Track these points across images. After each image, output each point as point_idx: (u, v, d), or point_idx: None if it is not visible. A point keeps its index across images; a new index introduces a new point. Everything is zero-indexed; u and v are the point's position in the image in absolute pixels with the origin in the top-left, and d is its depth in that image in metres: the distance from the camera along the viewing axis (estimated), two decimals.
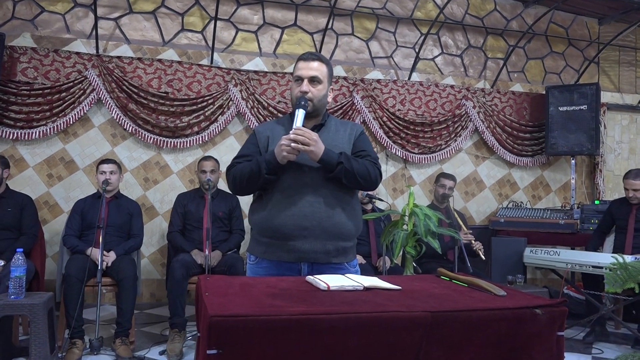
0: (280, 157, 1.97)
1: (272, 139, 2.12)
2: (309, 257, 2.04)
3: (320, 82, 2.13)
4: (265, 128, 2.21)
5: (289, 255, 2.04)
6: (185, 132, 4.97)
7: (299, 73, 2.12)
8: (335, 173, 2.01)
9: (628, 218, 4.30)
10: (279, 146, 1.97)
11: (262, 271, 2.09)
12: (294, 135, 1.94)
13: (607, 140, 6.20)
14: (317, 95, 2.12)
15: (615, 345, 4.11)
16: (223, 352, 1.29)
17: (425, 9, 5.79)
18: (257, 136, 2.18)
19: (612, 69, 6.37)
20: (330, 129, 2.18)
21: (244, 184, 2.08)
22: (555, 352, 1.51)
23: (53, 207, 4.73)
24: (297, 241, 2.02)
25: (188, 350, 3.59)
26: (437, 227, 3.36)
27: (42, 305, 3.00)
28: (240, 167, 2.08)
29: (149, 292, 4.96)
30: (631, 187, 4.25)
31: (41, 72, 4.61)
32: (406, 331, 1.38)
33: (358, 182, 2.05)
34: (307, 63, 2.12)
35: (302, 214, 2.01)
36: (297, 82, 2.13)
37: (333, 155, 2.01)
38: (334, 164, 2.00)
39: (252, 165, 2.03)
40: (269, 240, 2.07)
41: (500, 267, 4.69)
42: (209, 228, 3.80)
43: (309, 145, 1.94)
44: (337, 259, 2.09)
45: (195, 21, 5.18)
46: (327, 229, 2.03)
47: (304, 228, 2.01)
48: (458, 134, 5.75)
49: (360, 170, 2.03)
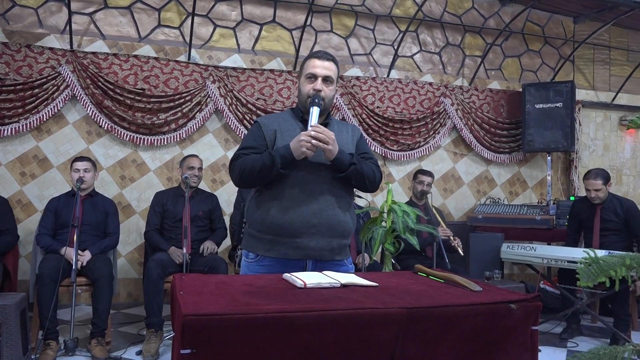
0: (299, 153, 1.98)
1: (281, 132, 2.11)
2: (315, 254, 2.05)
3: (332, 82, 2.16)
4: (271, 121, 2.18)
5: (296, 253, 2.04)
6: (162, 129, 4.91)
7: (313, 71, 2.12)
8: (347, 173, 2.05)
9: (593, 218, 4.33)
10: (297, 142, 1.97)
11: (263, 269, 2.06)
12: (314, 133, 1.95)
13: (582, 137, 6.31)
14: (328, 95, 2.14)
15: (590, 339, 4.19)
16: (197, 351, 1.28)
17: (404, 6, 5.81)
18: (262, 129, 2.15)
19: (586, 67, 6.48)
20: (334, 128, 2.17)
21: (254, 176, 2.04)
22: (530, 346, 1.52)
23: (26, 205, 4.63)
24: (305, 238, 2.03)
25: (166, 349, 3.55)
26: (416, 224, 3.37)
27: (14, 306, 2.93)
28: (250, 159, 2.04)
29: (125, 291, 4.89)
30: (592, 188, 4.24)
31: (13, 68, 4.50)
32: (382, 327, 1.38)
33: (364, 184, 2.11)
34: (323, 62, 2.13)
35: (310, 211, 2.03)
36: (310, 79, 2.13)
37: (346, 156, 2.06)
38: (347, 165, 2.05)
39: (265, 159, 2.00)
40: (273, 237, 2.06)
41: (478, 263, 4.74)
42: (188, 227, 3.76)
43: (328, 144, 1.97)
44: (339, 256, 2.14)
45: (172, 17, 5.11)
46: (333, 227, 2.07)
47: (312, 225, 2.03)
48: (436, 131, 5.79)
49: (368, 172, 2.11)
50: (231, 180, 2.17)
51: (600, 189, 4.22)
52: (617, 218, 4.24)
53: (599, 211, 4.31)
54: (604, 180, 4.23)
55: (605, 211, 4.28)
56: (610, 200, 4.29)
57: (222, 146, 5.18)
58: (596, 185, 4.23)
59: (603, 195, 4.24)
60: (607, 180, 4.25)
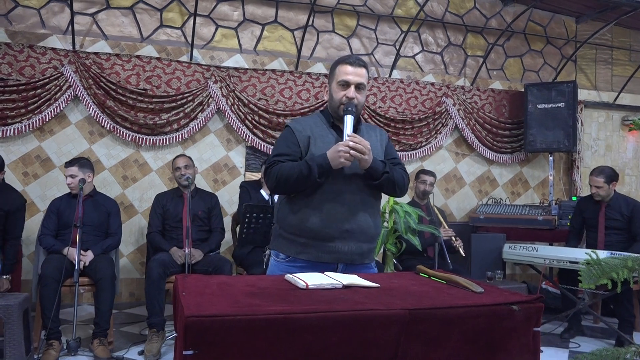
0: (336, 163, 2.00)
1: (314, 139, 2.13)
2: (347, 258, 2.09)
3: (364, 88, 2.16)
4: (304, 127, 2.18)
5: (329, 256, 2.08)
6: (164, 129, 4.91)
7: (346, 78, 2.12)
8: (380, 181, 2.09)
9: (597, 216, 4.32)
10: (335, 152, 1.99)
11: (296, 270, 2.05)
12: (352, 143, 1.98)
13: (584, 137, 6.30)
14: (361, 102, 2.16)
15: (593, 339, 4.19)
16: (200, 352, 1.28)
17: (406, 6, 5.81)
18: (296, 134, 2.16)
19: (589, 67, 6.47)
20: (363, 133, 2.19)
21: (290, 184, 2.06)
22: (532, 347, 1.53)
23: (29, 206, 4.62)
24: (337, 242, 2.07)
25: (168, 349, 3.56)
26: (417, 224, 3.37)
27: (17, 306, 2.95)
28: (287, 167, 2.05)
29: (128, 291, 4.90)
30: (593, 184, 4.24)
31: (16, 68, 4.52)
32: (384, 329, 1.38)
33: (395, 190, 2.17)
34: (356, 69, 2.12)
35: (343, 217, 2.07)
36: (343, 86, 2.13)
37: (380, 164, 2.09)
38: (380, 173, 2.08)
39: (302, 167, 2.03)
40: (306, 240, 2.09)
41: (480, 263, 4.74)
42: (189, 227, 3.77)
43: (365, 154, 2.00)
44: (368, 260, 2.18)
45: (174, 17, 5.12)
46: (365, 232, 2.11)
47: (345, 230, 2.07)
48: (438, 131, 5.78)
49: (399, 179, 2.15)
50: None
51: (601, 187, 4.21)
52: (622, 217, 4.22)
53: (604, 209, 4.29)
54: (606, 178, 4.21)
55: (610, 209, 4.26)
56: (617, 199, 4.28)
57: (224, 146, 5.19)
58: (597, 182, 4.22)
59: (604, 193, 4.23)
60: (611, 179, 4.23)
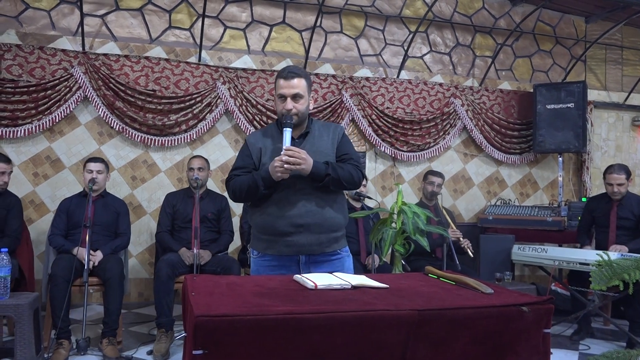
0: (275, 177, 2.19)
1: (264, 150, 2.34)
2: (306, 249, 2.29)
3: (302, 96, 2.31)
4: (257, 139, 2.40)
5: (289, 249, 2.29)
6: (173, 130, 4.94)
7: (281, 92, 2.30)
8: (324, 183, 2.25)
9: (609, 215, 4.26)
10: (272, 167, 2.18)
11: (265, 263, 2.35)
12: (285, 157, 2.15)
13: (593, 138, 6.26)
14: (300, 110, 2.31)
15: (603, 341, 4.15)
16: (209, 352, 1.29)
17: (414, 6, 5.80)
18: (249, 148, 2.38)
19: (598, 67, 6.43)
20: (314, 135, 2.38)
21: (243, 196, 2.32)
22: (542, 349, 1.52)
23: (39, 206, 4.67)
24: (294, 236, 2.27)
25: (176, 349, 3.57)
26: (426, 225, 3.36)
27: (28, 306, 2.97)
28: (239, 181, 2.30)
29: (137, 291, 4.92)
30: (615, 182, 4.16)
31: (26, 70, 4.55)
32: (393, 329, 1.38)
33: (343, 186, 2.32)
34: (288, 82, 2.30)
35: (298, 213, 2.26)
36: (281, 99, 2.31)
37: (321, 167, 2.24)
38: (322, 176, 2.24)
39: (250, 181, 2.26)
40: (269, 237, 2.32)
41: (489, 265, 4.71)
42: (197, 227, 3.78)
43: (300, 165, 2.16)
44: (330, 248, 2.35)
45: (182, 18, 5.14)
46: (319, 224, 2.29)
47: (300, 226, 2.26)
48: (447, 131, 5.77)
49: (345, 176, 2.29)
50: None
51: (623, 183, 4.16)
52: (634, 216, 4.18)
53: (616, 208, 4.24)
54: (627, 174, 4.18)
55: (622, 208, 4.21)
56: (629, 198, 4.23)
57: (232, 147, 5.20)
58: (619, 180, 4.16)
59: (625, 190, 4.18)
60: (629, 175, 4.20)
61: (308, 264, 2.30)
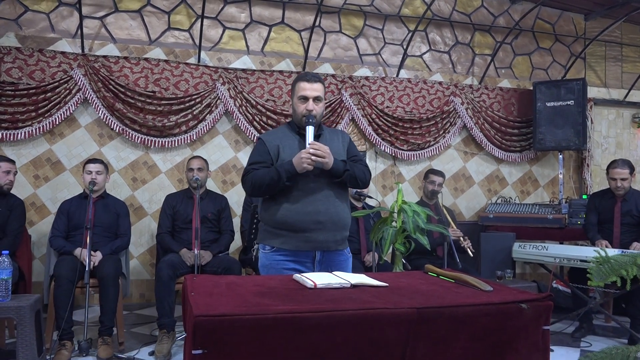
0: (301, 168, 2.33)
1: (283, 147, 2.47)
2: (323, 245, 2.42)
3: (321, 100, 2.51)
4: (273, 137, 2.53)
5: (307, 245, 2.40)
6: (173, 131, 4.94)
7: (304, 93, 2.46)
8: (343, 178, 2.43)
9: (613, 211, 4.25)
10: (299, 158, 2.33)
11: (280, 257, 2.42)
12: (313, 150, 2.32)
13: (594, 135, 6.25)
14: (319, 112, 2.50)
15: (604, 338, 4.15)
16: (209, 352, 1.29)
17: (413, 5, 5.80)
18: (266, 144, 2.50)
19: (598, 64, 6.42)
20: (326, 137, 2.54)
21: (263, 189, 2.41)
22: (541, 346, 1.52)
23: (40, 208, 4.68)
24: (313, 233, 2.39)
25: (178, 350, 3.57)
26: (426, 224, 3.36)
27: (29, 308, 2.97)
28: (260, 174, 2.40)
29: (138, 292, 4.93)
30: (619, 177, 4.16)
31: (26, 72, 4.56)
32: (392, 327, 1.38)
33: (357, 184, 2.51)
34: (311, 85, 2.47)
35: (317, 210, 2.39)
36: (302, 100, 2.47)
37: (340, 164, 2.43)
38: (342, 171, 2.42)
39: (272, 174, 2.37)
40: (287, 232, 2.41)
41: (490, 263, 4.71)
42: (198, 228, 3.78)
43: (325, 158, 2.33)
44: (342, 246, 2.52)
45: (181, 19, 5.14)
46: (336, 222, 2.43)
47: (319, 222, 2.39)
48: (447, 130, 5.76)
49: (360, 174, 2.50)
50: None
51: (626, 178, 4.16)
52: (638, 212, 4.17)
53: (620, 204, 4.23)
54: (631, 169, 4.17)
55: (626, 204, 4.21)
56: (632, 194, 4.22)
57: (232, 147, 5.21)
58: (623, 174, 4.16)
59: (628, 185, 4.17)
60: (633, 170, 4.19)
61: (322, 261, 2.43)
